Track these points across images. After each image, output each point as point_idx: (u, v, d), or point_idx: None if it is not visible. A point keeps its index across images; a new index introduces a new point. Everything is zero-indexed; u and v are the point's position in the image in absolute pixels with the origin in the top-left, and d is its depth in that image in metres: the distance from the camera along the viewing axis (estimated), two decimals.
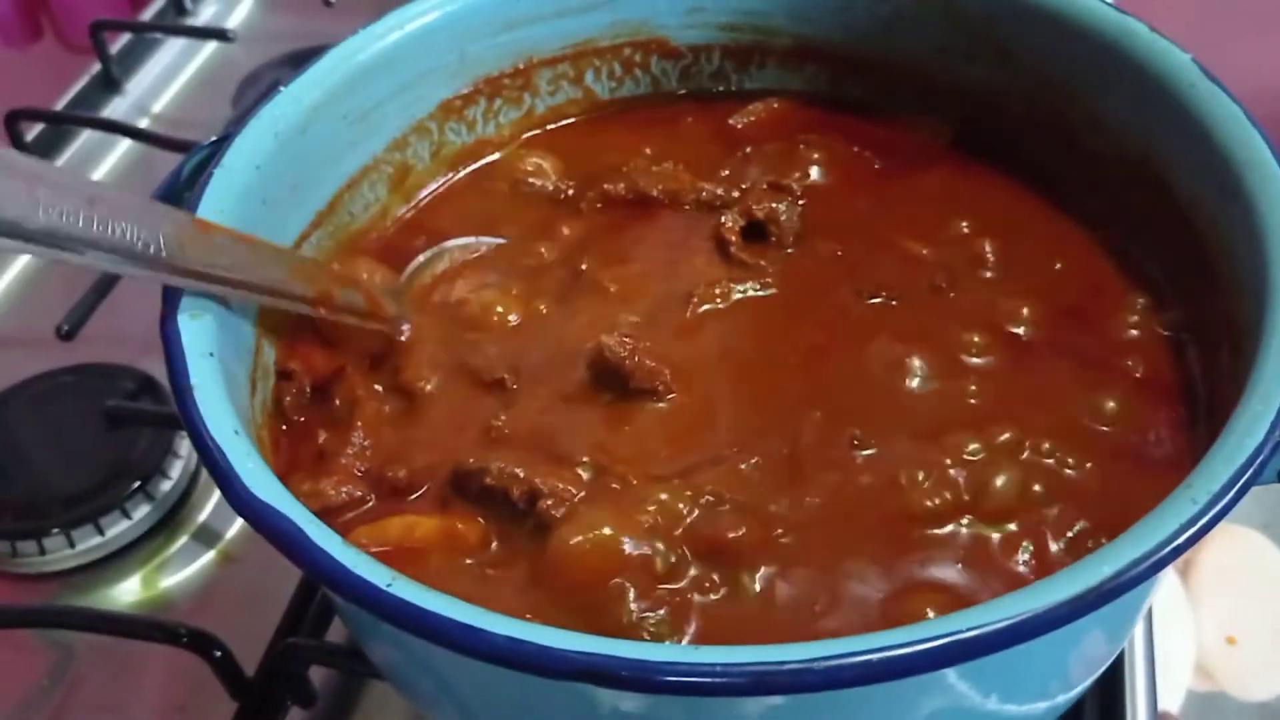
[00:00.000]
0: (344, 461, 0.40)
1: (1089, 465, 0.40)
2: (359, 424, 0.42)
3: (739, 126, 0.54)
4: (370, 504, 0.40)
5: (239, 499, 0.32)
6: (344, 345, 0.45)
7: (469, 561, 0.38)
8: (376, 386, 0.43)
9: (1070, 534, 0.38)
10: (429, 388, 0.43)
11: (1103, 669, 0.41)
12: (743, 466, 0.39)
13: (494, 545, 0.38)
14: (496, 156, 0.54)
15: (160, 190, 0.46)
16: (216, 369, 0.36)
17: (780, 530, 0.38)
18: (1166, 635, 0.73)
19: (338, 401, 0.43)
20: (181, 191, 0.45)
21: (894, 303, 0.45)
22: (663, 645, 0.29)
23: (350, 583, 0.30)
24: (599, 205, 0.51)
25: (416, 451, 0.41)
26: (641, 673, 0.28)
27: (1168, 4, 0.95)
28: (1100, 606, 0.29)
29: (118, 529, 0.57)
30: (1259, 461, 0.31)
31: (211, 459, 0.33)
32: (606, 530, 0.36)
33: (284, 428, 0.43)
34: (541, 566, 0.37)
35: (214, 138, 0.46)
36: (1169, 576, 0.76)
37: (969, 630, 0.28)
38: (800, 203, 0.49)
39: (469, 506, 0.39)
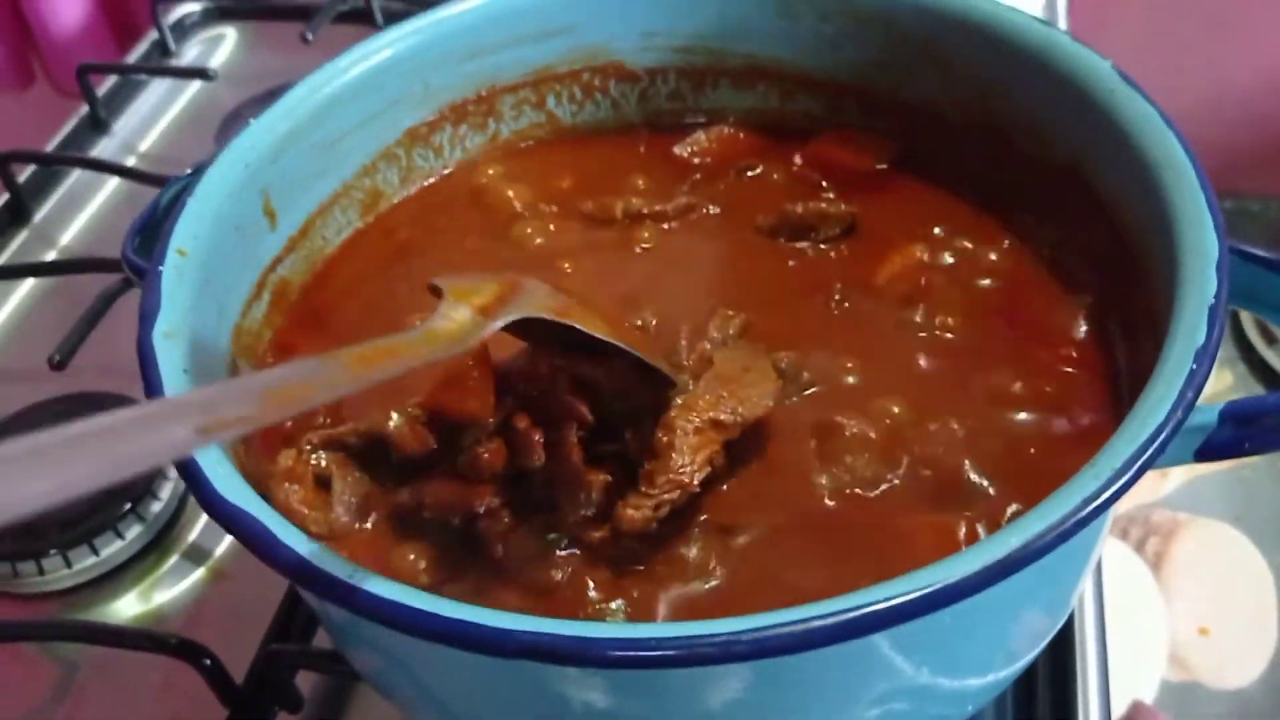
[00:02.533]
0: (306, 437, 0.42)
1: (1028, 451, 0.42)
2: (320, 410, 0.44)
3: (684, 155, 0.56)
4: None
5: (210, 504, 0.34)
6: None
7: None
8: None
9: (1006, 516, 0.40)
10: None
11: (1043, 644, 0.43)
12: None
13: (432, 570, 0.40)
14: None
15: (139, 221, 0.48)
16: (189, 385, 0.38)
17: None
18: (1140, 626, 0.75)
19: None
20: (159, 222, 0.47)
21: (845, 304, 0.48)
22: (602, 624, 0.31)
23: (314, 576, 0.32)
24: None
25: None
26: (581, 648, 0.30)
27: (1123, 15, 0.99)
28: (1009, 575, 0.31)
29: (111, 549, 0.59)
30: (1160, 440, 0.33)
31: (185, 467, 0.35)
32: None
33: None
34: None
35: (189, 170, 0.48)
36: (1141, 569, 0.78)
37: (885, 600, 0.30)
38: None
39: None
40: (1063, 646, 0.51)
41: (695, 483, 0.39)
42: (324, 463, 0.42)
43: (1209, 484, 0.83)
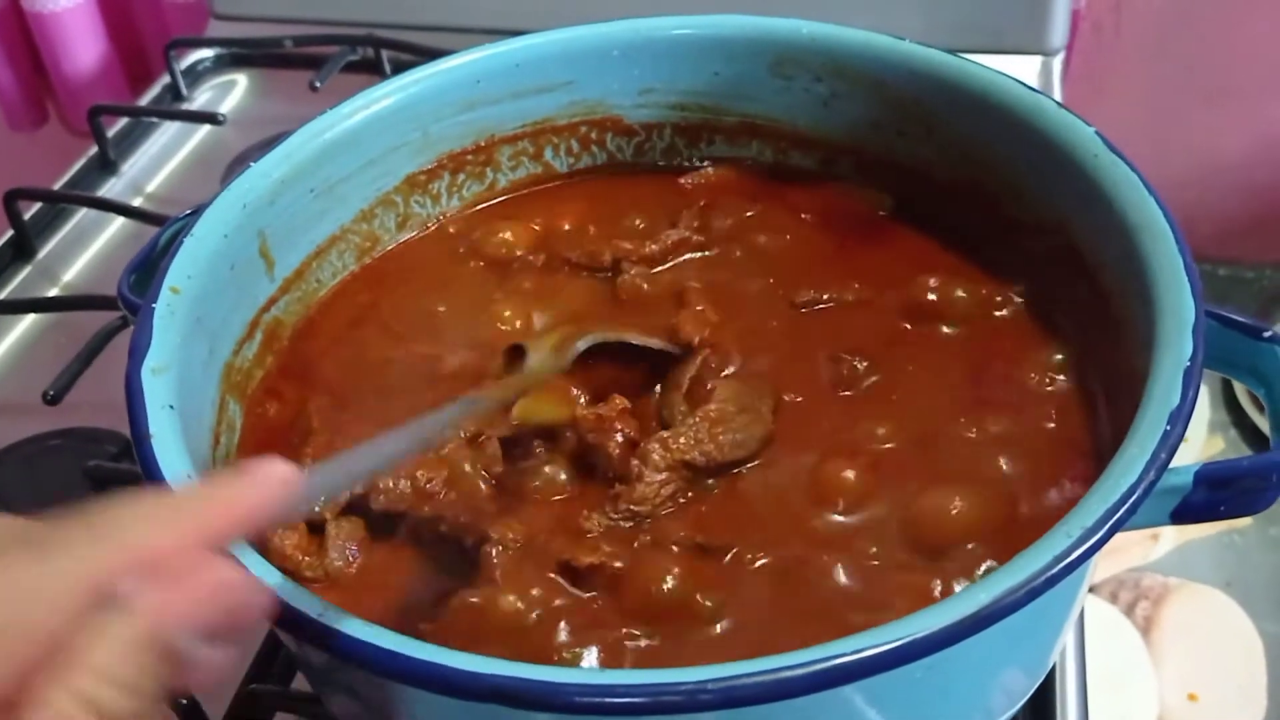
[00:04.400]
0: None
1: (1004, 510, 0.42)
2: (309, 450, 0.44)
3: (689, 186, 0.58)
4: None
5: None
6: None
7: None
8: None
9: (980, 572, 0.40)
10: None
11: (1021, 702, 0.42)
12: None
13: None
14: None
15: (137, 259, 0.49)
16: (174, 420, 0.38)
17: None
18: (1129, 691, 0.74)
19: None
20: (157, 260, 0.48)
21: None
22: (570, 669, 0.31)
23: (285, 613, 0.32)
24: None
25: None
26: (548, 694, 0.30)
27: (1118, 83, 1.00)
28: (980, 630, 0.31)
29: None
30: (1132, 500, 0.34)
31: None
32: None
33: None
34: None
35: (189, 210, 0.49)
36: (1131, 634, 0.78)
37: (855, 652, 0.30)
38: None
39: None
40: (1044, 708, 0.51)
41: (649, 510, 0.41)
42: (317, 509, 0.42)
43: (1200, 549, 0.83)
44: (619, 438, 0.43)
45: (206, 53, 0.99)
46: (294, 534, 0.42)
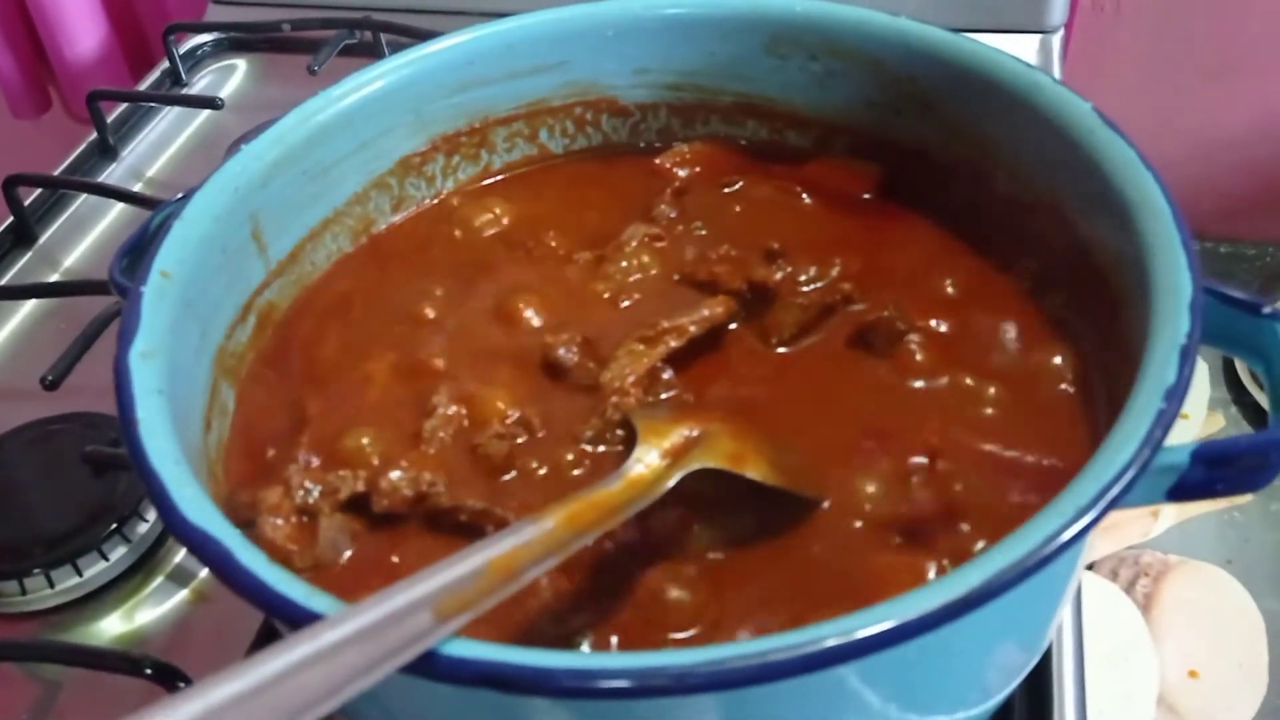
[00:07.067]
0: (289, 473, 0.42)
1: (997, 492, 0.42)
2: (304, 439, 0.44)
3: (666, 166, 0.57)
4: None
5: (174, 523, 0.34)
6: None
7: None
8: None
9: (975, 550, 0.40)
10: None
11: (1017, 680, 0.42)
12: None
13: None
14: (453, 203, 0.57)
15: (128, 243, 0.49)
16: (163, 405, 0.38)
17: None
18: (1130, 668, 0.74)
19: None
20: (147, 245, 0.48)
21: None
22: (557, 653, 0.31)
23: (271, 599, 0.32)
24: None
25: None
26: (535, 678, 0.30)
27: (1119, 60, 0.99)
28: (971, 611, 0.31)
29: (95, 569, 0.59)
30: (1125, 479, 0.33)
31: (151, 486, 0.35)
32: None
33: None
34: None
35: (179, 195, 0.49)
36: (1131, 611, 0.78)
37: (844, 634, 0.30)
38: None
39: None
40: (1040, 685, 0.51)
41: (629, 383, 0.43)
42: (312, 499, 0.42)
43: (1200, 526, 0.82)
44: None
45: (205, 37, 0.99)
46: (284, 524, 0.42)
